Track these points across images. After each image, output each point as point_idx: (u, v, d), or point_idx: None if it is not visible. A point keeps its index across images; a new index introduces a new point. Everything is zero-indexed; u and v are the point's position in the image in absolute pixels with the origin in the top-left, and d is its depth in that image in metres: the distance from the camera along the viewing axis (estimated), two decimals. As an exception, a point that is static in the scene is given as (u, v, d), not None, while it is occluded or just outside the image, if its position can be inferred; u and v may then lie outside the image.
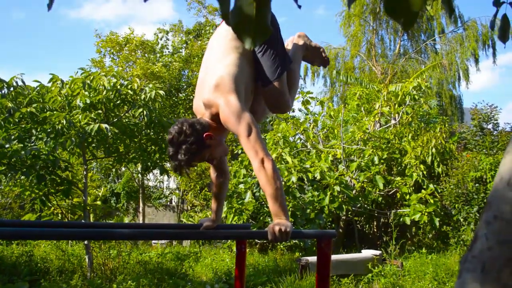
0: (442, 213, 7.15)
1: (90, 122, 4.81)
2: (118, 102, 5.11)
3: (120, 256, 5.33)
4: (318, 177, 7.07)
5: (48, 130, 4.58)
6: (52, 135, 4.62)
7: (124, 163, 5.77)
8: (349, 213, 7.81)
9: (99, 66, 12.77)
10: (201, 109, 2.05)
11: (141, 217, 11.35)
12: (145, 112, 4.95)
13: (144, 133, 5.38)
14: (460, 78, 15.32)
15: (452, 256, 6.21)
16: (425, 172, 7.42)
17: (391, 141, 7.97)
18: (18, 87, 4.85)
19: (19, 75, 4.88)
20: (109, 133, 4.71)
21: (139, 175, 11.29)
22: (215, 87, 1.93)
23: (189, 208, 11.57)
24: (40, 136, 4.75)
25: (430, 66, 13.53)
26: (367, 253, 6.10)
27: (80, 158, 5.37)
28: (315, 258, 2.10)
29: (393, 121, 8.64)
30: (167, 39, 14.30)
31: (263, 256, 6.78)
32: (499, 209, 0.70)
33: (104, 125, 4.60)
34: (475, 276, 0.67)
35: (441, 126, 8.12)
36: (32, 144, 4.70)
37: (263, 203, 7.04)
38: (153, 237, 3.27)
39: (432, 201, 6.80)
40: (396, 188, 7.46)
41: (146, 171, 6.83)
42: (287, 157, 7.21)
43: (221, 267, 5.86)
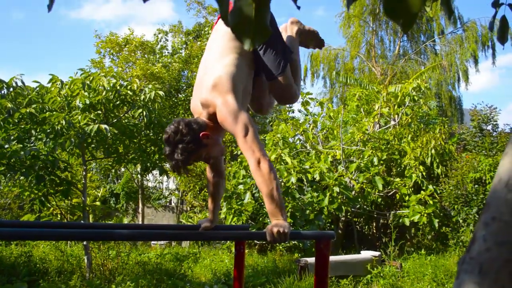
0: (441, 214, 7.15)
1: (90, 122, 4.81)
2: (117, 102, 5.11)
3: (119, 257, 5.32)
4: (318, 178, 7.06)
5: (48, 131, 4.58)
6: (51, 136, 4.62)
7: (123, 163, 5.77)
8: (348, 214, 7.80)
9: (99, 67, 12.78)
10: (198, 109, 2.06)
11: (140, 218, 11.36)
12: (144, 113, 4.95)
13: (143, 134, 5.38)
14: (459, 79, 15.31)
15: (451, 257, 6.20)
16: (424, 173, 7.41)
17: (391, 142, 7.96)
18: (18, 87, 4.85)
19: (18, 76, 4.88)
20: (109, 134, 4.71)
21: (139, 176, 11.30)
22: (212, 87, 1.93)
23: (189, 209, 11.56)
24: (40, 136, 4.74)
25: (429, 67, 13.55)
26: (366, 254, 6.09)
27: (80, 158, 5.37)
28: (314, 259, 2.09)
29: (392, 122, 8.64)
30: (166, 39, 14.32)
31: (262, 257, 6.77)
32: (498, 210, 0.70)
33: (103, 126, 4.60)
34: (473, 278, 0.67)
35: (441, 127, 8.12)
36: (32, 145, 4.70)
37: (262, 204, 7.03)
38: (152, 238, 3.27)
39: (431, 202, 6.80)
40: (396, 189, 7.45)
41: (146, 172, 6.84)
42: (287, 158, 7.21)
43: (220, 268, 5.86)
